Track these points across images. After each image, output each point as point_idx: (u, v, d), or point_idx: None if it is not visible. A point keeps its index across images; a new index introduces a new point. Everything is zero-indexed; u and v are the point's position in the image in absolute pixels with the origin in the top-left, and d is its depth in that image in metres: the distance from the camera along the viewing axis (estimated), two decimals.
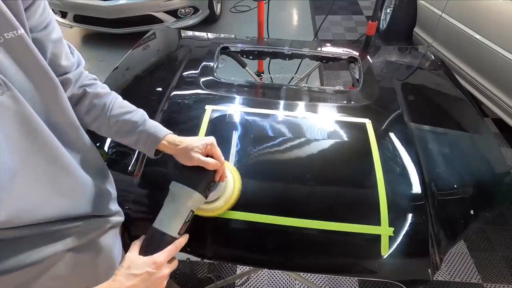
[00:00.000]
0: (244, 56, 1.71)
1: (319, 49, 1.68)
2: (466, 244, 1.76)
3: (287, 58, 1.68)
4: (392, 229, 0.83)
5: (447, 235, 0.86)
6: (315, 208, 0.87)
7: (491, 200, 0.98)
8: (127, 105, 0.73)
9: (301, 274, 1.42)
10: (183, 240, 0.69)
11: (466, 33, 2.37)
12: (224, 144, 0.98)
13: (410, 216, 0.87)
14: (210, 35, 1.81)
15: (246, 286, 1.59)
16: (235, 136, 1.04)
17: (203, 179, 0.73)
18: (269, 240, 0.85)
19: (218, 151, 0.74)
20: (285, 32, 3.95)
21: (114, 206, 0.73)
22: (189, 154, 0.70)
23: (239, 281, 1.60)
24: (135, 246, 0.65)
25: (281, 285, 1.59)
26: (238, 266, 1.64)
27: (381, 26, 3.68)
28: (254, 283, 1.60)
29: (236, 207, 0.86)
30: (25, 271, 0.51)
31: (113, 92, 0.74)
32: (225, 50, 1.64)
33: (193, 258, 0.86)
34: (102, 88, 0.72)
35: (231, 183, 0.87)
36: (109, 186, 0.73)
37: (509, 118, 2.15)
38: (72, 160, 0.58)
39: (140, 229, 0.86)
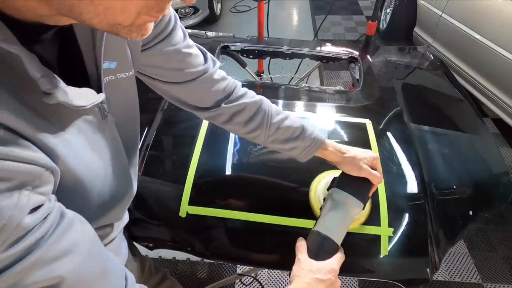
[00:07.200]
0: (244, 55, 1.70)
1: (319, 48, 1.68)
2: (466, 244, 1.76)
3: (287, 58, 1.68)
4: (392, 229, 0.83)
5: (446, 235, 0.86)
6: None
7: (489, 201, 0.98)
8: (280, 110, 0.71)
9: None
10: (342, 251, 0.69)
11: (466, 33, 2.37)
12: (223, 143, 0.98)
13: (409, 216, 0.87)
14: (209, 34, 1.81)
15: (246, 286, 1.59)
16: (235, 135, 1.04)
17: (367, 191, 0.72)
18: (269, 240, 0.85)
19: (380, 167, 0.75)
20: (285, 32, 3.95)
21: None
22: (358, 164, 0.70)
23: (239, 281, 1.60)
24: (303, 248, 0.65)
25: (281, 285, 1.59)
26: (238, 266, 1.64)
27: (381, 26, 3.68)
28: (254, 283, 1.60)
29: (236, 207, 0.86)
30: None
31: (263, 97, 0.71)
32: (225, 49, 1.64)
33: (193, 258, 0.86)
34: (253, 95, 0.70)
35: None
36: None
37: (509, 118, 2.15)
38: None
39: (140, 229, 0.86)
